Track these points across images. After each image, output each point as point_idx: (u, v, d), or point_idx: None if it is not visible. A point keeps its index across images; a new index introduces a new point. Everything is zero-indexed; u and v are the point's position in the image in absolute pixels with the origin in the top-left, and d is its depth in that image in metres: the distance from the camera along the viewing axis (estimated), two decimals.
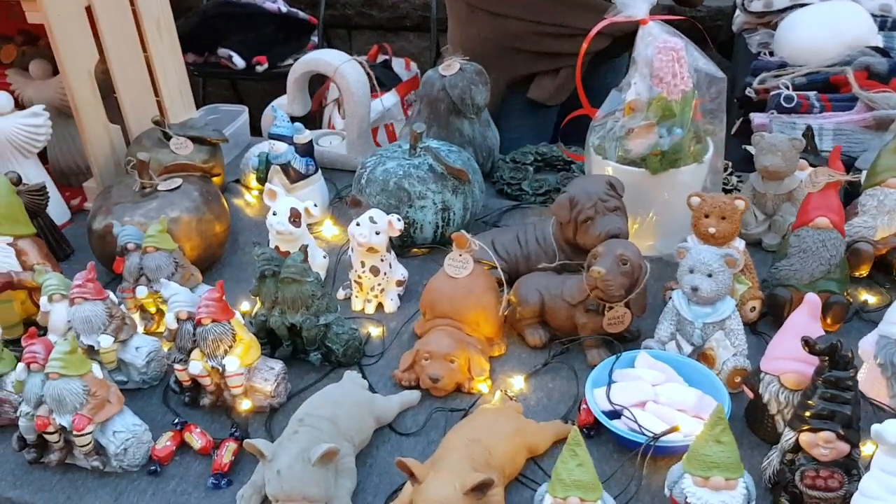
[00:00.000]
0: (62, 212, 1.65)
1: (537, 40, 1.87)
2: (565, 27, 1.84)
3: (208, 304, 1.10)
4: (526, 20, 1.85)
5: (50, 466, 1.07)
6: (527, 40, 1.87)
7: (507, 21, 1.86)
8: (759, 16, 2.43)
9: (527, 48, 1.86)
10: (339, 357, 1.21)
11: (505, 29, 1.86)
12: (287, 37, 3.93)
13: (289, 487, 0.94)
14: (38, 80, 1.71)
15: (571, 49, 1.92)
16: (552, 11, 1.83)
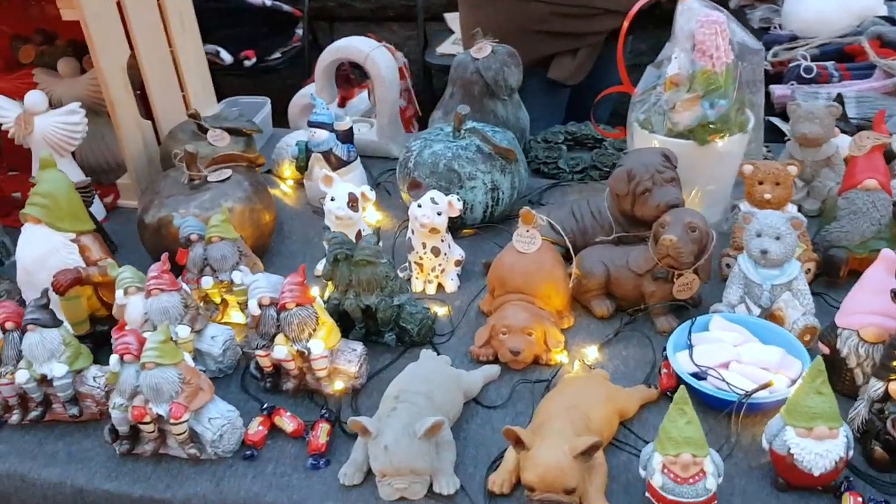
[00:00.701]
0: (98, 209, 1.64)
1: (558, 21, 1.91)
2: (586, 7, 1.89)
3: (292, 288, 1.11)
4: (549, 2, 1.90)
5: (144, 457, 1.07)
6: (549, 22, 1.91)
7: (530, 4, 1.90)
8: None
9: (548, 29, 1.90)
10: (414, 336, 1.23)
11: (528, 12, 1.89)
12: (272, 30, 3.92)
13: (397, 461, 0.96)
14: (66, 78, 1.69)
15: (590, 28, 1.97)
16: None
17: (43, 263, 1.23)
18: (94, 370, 1.14)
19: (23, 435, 1.14)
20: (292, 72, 3.75)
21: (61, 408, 1.14)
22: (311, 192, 1.64)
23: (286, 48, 3.86)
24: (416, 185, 1.34)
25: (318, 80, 1.81)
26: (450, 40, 3.72)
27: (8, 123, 1.57)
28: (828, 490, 0.95)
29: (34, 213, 1.23)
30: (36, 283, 1.24)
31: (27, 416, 1.14)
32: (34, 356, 1.10)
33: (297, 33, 3.91)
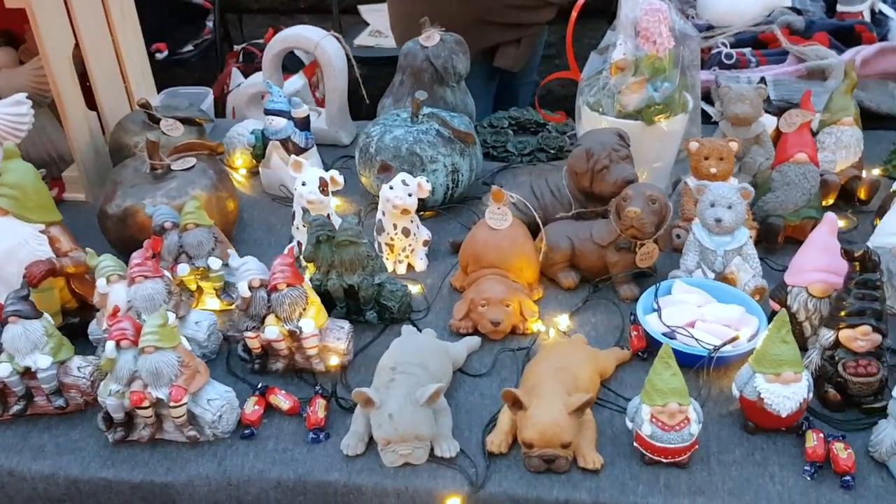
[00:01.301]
0: None
1: (506, 12, 2.02)
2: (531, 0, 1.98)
3: (283, 269, 1.13)
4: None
5: (140, 443, 1.08)
6: (500, 13, 2.02)
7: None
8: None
9: (498, 20, 2.00)
10: (395, 314, 1.27)
11: (483, 2, 1.99)
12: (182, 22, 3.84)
13: (402, 429, 1.00)
14: (5, 68, 1.64)
15: (535, 19, 2.08)
16: None
17: (11, 256, 1.21)
18: (77, 360, 1.13)
19: (3, 431, 1.12)
20: (203, 64, 3.68)
21: (44, 400, 1.12)
22: (268, 179, 1.66)
23: (198, 41, 3.79)
24: (386, 169, 1.38)
25: (267, 69, 1.82)
26: (366, 32, 3.74)
27: None
28: (791, 430, 1.05)
29: (3, 204, 1.20)
30: (4, 275, 1.21)
31: (8, 411, 1.12)
32: (17, 348, 1.08)
33: (207, 25, 3.85)
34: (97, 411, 1.12)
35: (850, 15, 2.25)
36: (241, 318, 1.17)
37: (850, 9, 2.26)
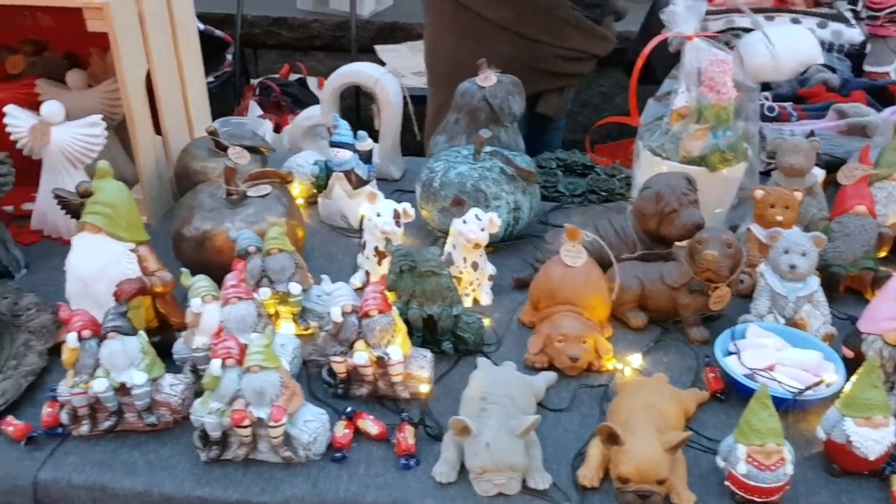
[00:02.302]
0: None
1: (555, 62, 2.11)
2: (581, 52, 2.15)
3: (375, 296, 1.15)
4: (553, 45, 2.13)
5: (235, 462, 1.08)
6: (548, 62, 2.13)
7: (537, 45, 2.11)
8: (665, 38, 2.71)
9: (544, 68, 2.08)
10: (470, 345, 1.29)
11: (533, 51, 2.09)
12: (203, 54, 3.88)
13: (499, 458, 1.02)
14: (75, 90, 1.66)
15: (579, 70, 2.17)
16: (574, 38, 2.13)
17: (103, 273, 1.22)
18: (169, 378, 1.14)
19: (91, 446, 1.12)
20: (221, 96, 3.71)
21: (135, 417, 1.13)
22: (327, 209, 1.68)
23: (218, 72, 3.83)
24: (459, 203, 1.41)
25: (325, 104, 1.85)
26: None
27: (19, 133, 1.53)
28: (874, 474, 1.08)
29: (96, 221, 1.22)
30: (93, 293, 1.22)
31: (98, 426, 1.12)
32: (114, 364, 1.09)
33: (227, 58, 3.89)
34: (186, 429, 1.13)
35: (878, 75, 2.34)
36: (328, 342, 1.19)
37: (878, 69, 2.35)
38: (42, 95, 1.67)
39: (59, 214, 1.57)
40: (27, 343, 1.27)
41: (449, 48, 2.28)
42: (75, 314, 1.10)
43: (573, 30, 2.18)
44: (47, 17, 1.78)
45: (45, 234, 1.63)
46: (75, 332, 1.09)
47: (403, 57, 3.94)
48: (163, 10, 1.66)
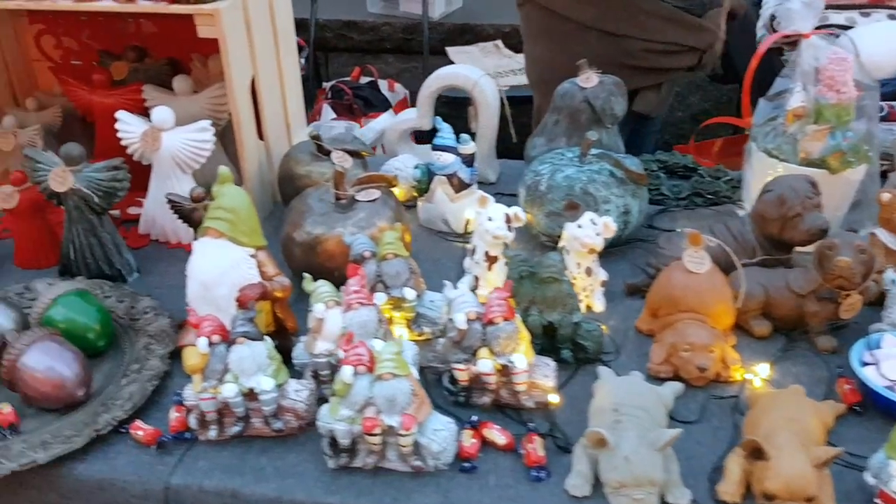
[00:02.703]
0: None
1: (647, 57, 2.04)
2: (673, 44, 2.02)
3: (500, 302, 1.13)
4: (640, 39, 2.04)
5: (364, 470, 1.07)
6: (638, 57, 2.03)
7: (623, 40, 2.03)
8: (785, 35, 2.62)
9: (636, 64, 2.01)
10: (590, 354, 1.26)
11: (620, 47, 2.01)
12: None
13: (639, 472, 0.99)
14: (181, 95, 1.68)
15: (674, 64, 2.10)
16: (664, 30, 2.03)
17: (224, 278, 1.22)
18: (293, 384, 1.13)
19: (219, 451, 1.12)
20: None
21: (261, 423, 1.13)
22: (428, 213, 1.67)
23: None
24: (573, 207, 1.38)
25: (422, 106, 1.84)
26: None
27: (131, 139, 1.55)
28: None
29: (218, 226, 1.22)
30: (213, 298, 1.23)
31: (225, 432, 1.13)
32: (243, 369, 1.09)
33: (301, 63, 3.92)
34: (310, 436, 1.13)
35: None
36: (449, 349, 1.17)
37: None
38: (148, 101, 1.69)
39: (168, 219, 1.60)
40: (148, 347, 1.28)
41: (538, 53, 2.26)
42: (204, 319, 1.11)
43: (663, 22, 2.09)
44: (150, 23, 1.80)
45: (152, 238, 1.65)
46: (205, 337, 1.09)
47: (475, 58, 3.93)
48: (266, 16, 1.66)
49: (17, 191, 1.50)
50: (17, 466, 1.05)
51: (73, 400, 1.17)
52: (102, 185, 1.41)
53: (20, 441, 1.11)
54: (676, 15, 2.12)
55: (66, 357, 1.18)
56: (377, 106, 3.56)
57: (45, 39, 1.86)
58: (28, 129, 1.72)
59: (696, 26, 2.14)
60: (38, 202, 1.52)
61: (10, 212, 1.51)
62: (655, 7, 2.09)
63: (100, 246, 1.46)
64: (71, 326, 1.25)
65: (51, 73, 1.90)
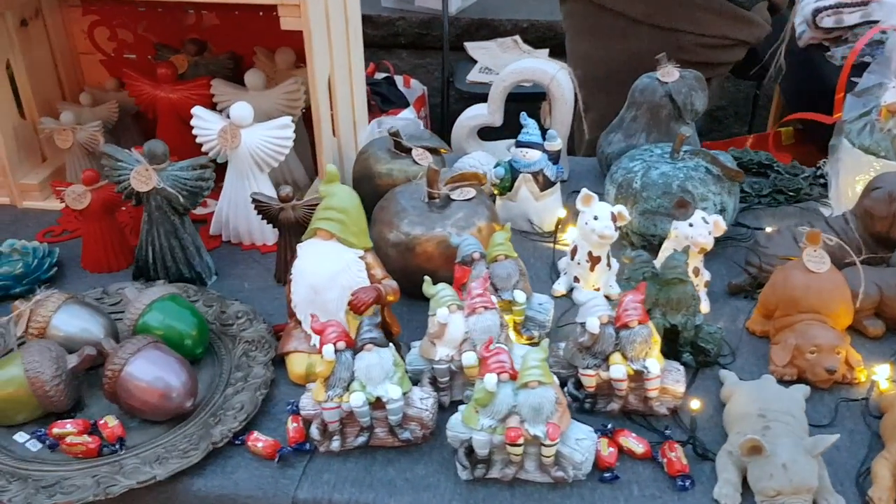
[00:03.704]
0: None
1: (698, 51, 2.02)
2: (725, 38, 2.05)
3: (636, 305, 1.09)
4: (693, 33, 2.05)
5: (503, 480, 1.03)
6: (690, 52, 2.04)
7: (675, 35, 2.04)
8: (827, 31, 2.60)
9: (688, 59, 2.00)
10: (710, 357, 1.22)
11: (672, 42, 2.00)
12: None
13: (797, 480, 0.95)
14: (252, 91, 1.62)
15: (724, 59, 2.09)
16: (716, 24, 2.04)
17: (334, 280, 1.17)
18: (418, 392, 1.08)
19: (342, 463, 1.07)
20: None
21: (384, 433, 1.08)
22: (510, 212, 1.61)
23: None
24: (683, 205, 1.33)
25: (494, 102, 1.79)
26: (476, 68, 3.75)
27: (207, 136, 1.49)
28: None
29: (329, 227, 1.17)
30: (323, 301, 1.18)
31: (347, 442, 1.07)
32: (370, 378, 1.04)
33: None
34: (434, 446, 1.08)
35: None
36: (576, 354, 1.12)
37: None
38: (217, 96, 1.63)
39: (243, 219, 1.54)
40: (247, 354, 1.23)
41: (585, 50, 2.23)
42: (328, 325, 1.05)
43: (714, 15, 2.10)
44: (213, 15, 1.74)
45: (224, 240, 1.58)
46: (331, 344, 1.03)
47: (493, 54, 3.88)
48: (341, 10, 1.61)
49: (88, 190, 1.43)
50: (136, 483, 1.00)
51: (181, 411, 1.11)
52: (188, 185, 1.35)
53: (132, 456, 1.05)
54: (728, 8, 2.10)
55: (173, 366, 1.12)
56: (395, 102, 3.51)
57: (98, 31, 1.79)
58: (88, 126, 1.65)
59: (746, 20, 2.14)
60: (109, 202, 1.45)
61: (80, 212, 1.44)
62: (708, 1, 2.07)
63: (181, 248, 1.40)
64: (168, 333, 1.19)
65: (102, 66, 1.84)
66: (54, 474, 1.02)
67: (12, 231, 1.60)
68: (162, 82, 1.64)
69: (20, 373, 1.09)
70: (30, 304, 1.21)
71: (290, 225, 1.39)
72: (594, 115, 2.07)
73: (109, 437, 1.07)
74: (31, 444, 1.09)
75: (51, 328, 1.19)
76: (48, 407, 1.11)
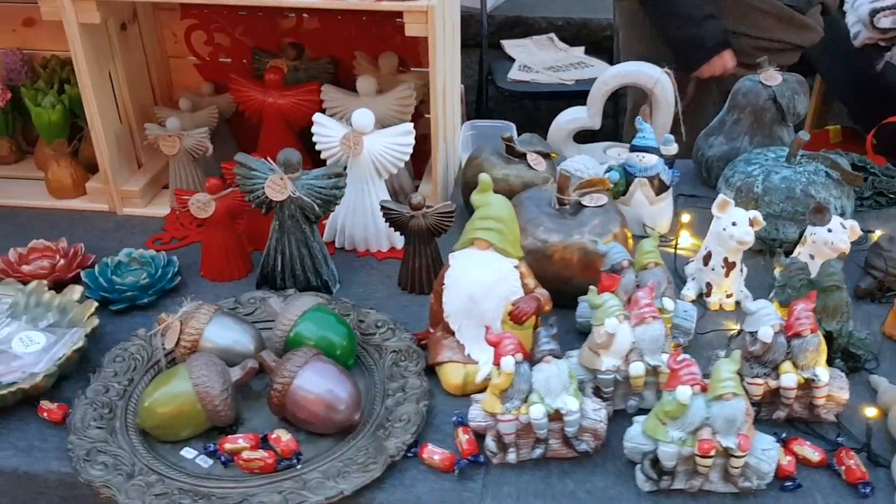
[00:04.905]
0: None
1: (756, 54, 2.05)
2: (782, 42, 2.13)
3: (807, 315, 1.09)
4: (751, 36, 2.12)
5: (689, 491, 1.03)
6: (747, 54, 2.09)
7: (735, 38, 2.10)
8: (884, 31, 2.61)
9: (745, 62, 2.05)
10: (860, 363, 1.22)
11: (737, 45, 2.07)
12: None
13: None
14: (365, 97, 1.60)
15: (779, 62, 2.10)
16: (775, 28, 2.12)
17: (492, 290, 1.17)
18: (590, 403, 1.08)
19: (518, 475, 1.07)
20: None
21: (558, 444, 1.08)
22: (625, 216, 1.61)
23: None
24: (821, 210, 1.33)
25: (594, 104, 1.78)
26: (515, 66, 3.73)
27: (329, 143, 1.48)
28: None
29: (488, 237, 1.16)
30: (480, 311, 1.18)
31: (524, 454, 1.07)
32: (549, 389, 1.04)
33: None
34: (606, 457, 1.08)
35: None
36: (742, 363, 1.12)
37: None
38: (327, 102, 1.62)
39: (360, 226, 1.53)
40: (396, 364, 1.22)
41: (640, 50, 2.23)
42: (505, 337, 1.05)
43: (773, 20, 2.13)
44: (314, 19, 1.73)
45: (337, 247, 1.57)
46: (511, 356, 1.03)
47: (530, 52, 3.87)
48: (450, 13, 1.60)
49: (213, 199, 1.42)
50: (325, 500, 0.99)
51: (348, 423, 1.10)
52: (322, 193, 1.34)
53: (311, 470, 1.05)
54: (787, 13, 2.13)
55: (340, 378, 1.11)
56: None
57: (195, 35, 1.78)
58: (195, 132, 1.63)
59: (803, 24, 2.17)
60: (232, 210, 1.44)
61: (204, 221, 1.44)
62: (768, 5, 2.10)
63: (310, 257, 1.39)
64: (321, 344, 1.18)
65: (195, 70, 1.83)
66: (237, 491, 1.01)
67: (117, 239, 1.59)
68: (270, 87, 1.63)
69: (188, 387, 1.08)
70: (178, 317, 1.20)
71: (421, 232, 1.39)
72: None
73: (284, 452, 1.06)
74: (201, 460, 1.08)
75: (203, 341, 1.18)
76: (216, 421, 1.10)
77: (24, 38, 1.84)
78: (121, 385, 1.17)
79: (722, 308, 1.38)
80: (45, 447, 1.11)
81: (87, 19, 1.48)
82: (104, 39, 1.58)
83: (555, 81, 3.56)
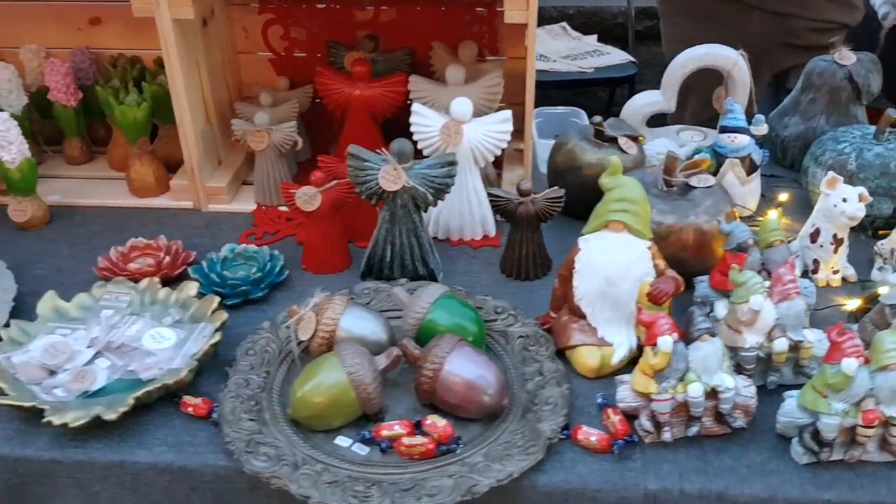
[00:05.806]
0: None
1: (807, 35, 2.11)
2: (831, 22, 2.15)
3: None
4: (803, 17, 2.15)
5: (848, 462, 1.04)
6: (799, 35, 2.14)
7: (787, 19, 2.14)
8: None
9: (796, 43, 2.08)
10: None
11: (783, 26, 2.12)
12: None
13: None
14: (453, 87, 1.61)
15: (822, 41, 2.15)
16: (825, 9, 2.14)
17: (628, 272, 1.18)
18: (741, 380, 1.09)
19: (673, 453, 1.08)
20: None
21: (710, 421, 1.09)
22: None
23: None
24: None
25: (669, 88, 1.79)
26: None
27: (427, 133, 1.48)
28: None
29: (625, 219, 1.17)
30: (616, 293, 1.18)
31: (677, 432, 1.08)
32: (706, 367, 1.05)
33: None
34: (754, 431, 1.10)
35: None
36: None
37: None
38: (415, 93, 1.62)
39: (456, 215, 1.54)
40: (526, 348, 1.23)
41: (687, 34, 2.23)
42: (659, 317, 1.06)
43: (823, 0, 2.15)
44: (393, 10, 1.73)
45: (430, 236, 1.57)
46: (668, 336, 1.04)
47: (543, 41, 3.87)
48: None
49: (319, 192, 1.42)
50: (496, 482, 1.00)
51: (497, 408, 1.11)
52: (436, 182, 1.34)
53: (472, 454, 1.05)
54: None
55: (488, 363, 1.12)
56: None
57: (272, 30, 1.77)
58: (283, 126, 1.63)
59: (850, 4, 2.20)
60: (337, 202, 1.44)
61: (309, 214, 1.43)
62: None
63: (419, 246, 1.39)
64: (456, 331, 1.18)
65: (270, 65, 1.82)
66: (406, 477, 1.02)
67: (208, 235, 1.59)
68: (357, 80, 1.62)
69: (343, 376, 1.08)
70: (310, 308, 1.20)
71: (529, 219, 1.39)
72: (697, 99, 2.10)
73: (442, 437, 1.07)
74: (357, 447, 1.08)
75: (339, 331, 1.18)
76: (367, 409, 1.10)
77: (88, 37, 1.82)
78: (259, 377, 1.17)
79: (829, 284, 1.40)
80: (195, 442, 1.10)
81: (180, 15, 1.47)
82: (193, 36, 1.57)
83: (574, 70, 3.58)
